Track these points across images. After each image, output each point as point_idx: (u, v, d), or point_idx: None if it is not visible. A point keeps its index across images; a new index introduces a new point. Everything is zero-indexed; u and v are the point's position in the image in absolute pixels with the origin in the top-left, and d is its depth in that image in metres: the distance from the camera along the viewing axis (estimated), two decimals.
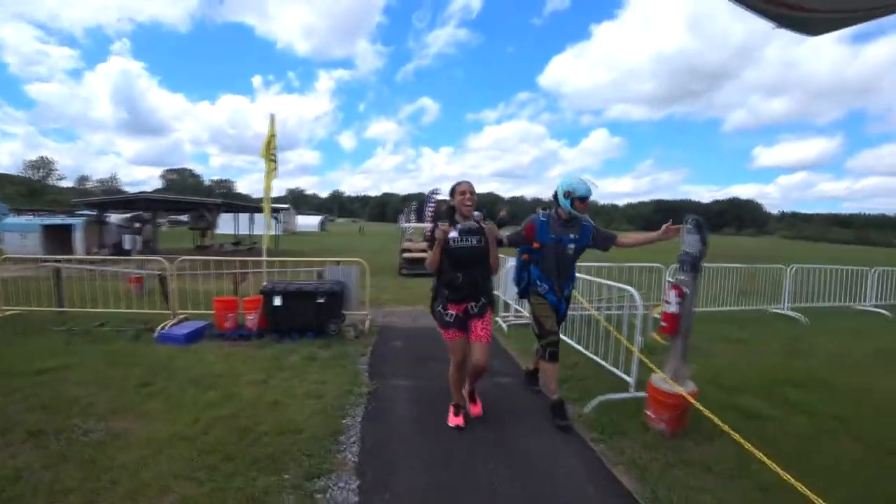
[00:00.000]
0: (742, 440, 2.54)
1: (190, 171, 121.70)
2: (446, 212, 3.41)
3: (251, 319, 5.94)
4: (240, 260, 7.56)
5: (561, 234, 3.75)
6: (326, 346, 5.53)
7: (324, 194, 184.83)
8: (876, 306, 9.72)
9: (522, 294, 4.07)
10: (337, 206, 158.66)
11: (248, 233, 23.90)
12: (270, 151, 6.57)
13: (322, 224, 60.48)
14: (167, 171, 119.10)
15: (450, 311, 3.35)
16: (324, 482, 2.69)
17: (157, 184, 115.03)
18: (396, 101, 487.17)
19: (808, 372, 5.04)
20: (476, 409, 3.71)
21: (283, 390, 4.08)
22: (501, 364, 5.10)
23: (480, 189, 3.05)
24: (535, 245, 3.79)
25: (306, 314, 5.80)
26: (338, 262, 7.01)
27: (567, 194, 3.64)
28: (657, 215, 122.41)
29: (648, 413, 3.50)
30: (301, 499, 2.52)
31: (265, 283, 6.18)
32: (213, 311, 6.14)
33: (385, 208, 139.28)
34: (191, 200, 18.54)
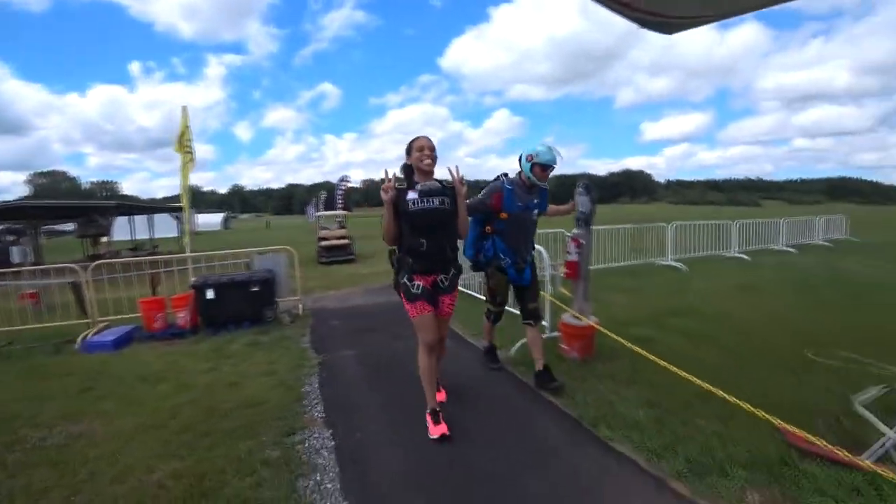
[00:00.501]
0: (637, 348, 3.29)
1: (63, 173, 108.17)
2: (402, 171, 3.02)
3: (182, 317, 5.91)
4: (163, 259, 7.33)
5: (527, 202, 3.64)
6: (265, 332, 5.71)
7: (223, 190, 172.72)
8: (739, 252, 11.62)
9: (479, 267, 3.89)
10: (238, 201, 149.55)
11: (147, 236, 22.20)
12: (185, 143, 6.50)
13: (225, 221, 57.15)
14: (34, 174, 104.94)
15: (416, 282, 2.94)
16: (300, 436, 3.05)
17: (23, 190, 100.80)
18: (295, 87, 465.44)
19: (685, 305, 6.17)
20: (440, 396, 3.42)
21: (235, 373, 4.28)
22: None
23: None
24: (503, 215, 3.60)
25: (241, 304, 5.91)
26: (263, 252, 7.09)
27: (529, 158, 3.56)
28: (559, 189, 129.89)
29: (562, 346, 4.24)
30: (284, 451, 2.86)
31: (195, 279, 6.16)
32: (138, 315, 6.02)
33: (291, 200, 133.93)
34: (81, 205, 16.85)
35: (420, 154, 2.92)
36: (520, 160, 3.67)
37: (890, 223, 25.34)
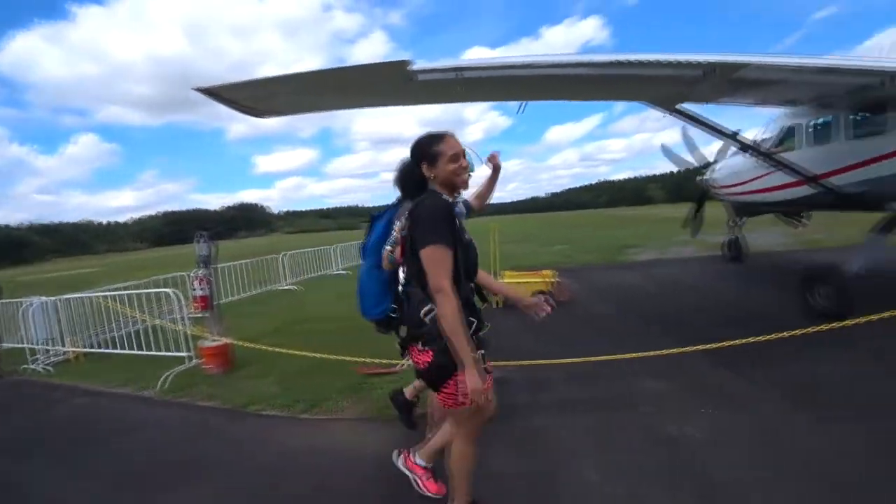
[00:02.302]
0: (267, 348, 4.61)
1: None
2: (404, 180, 2.23)
3: None
4: None
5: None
6: None
7: None
8: (340, 269, 14.67)
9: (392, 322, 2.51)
10: None
11: None
12: None
13: None
14: None
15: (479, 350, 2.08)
16: None
17: None
18: None
19: (302, 316, 8.04)
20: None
21: None
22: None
23: None
24: None
25: None
26: None
27: None
28: (168, 227, 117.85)
29: (206, 367, 5.15)
30: None
31: None
32: None
33: None
34: None
35: (457, 167, 2.10)
36: None
37: None
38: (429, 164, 2.08)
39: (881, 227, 5.63)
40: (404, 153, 2.21)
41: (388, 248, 2.57)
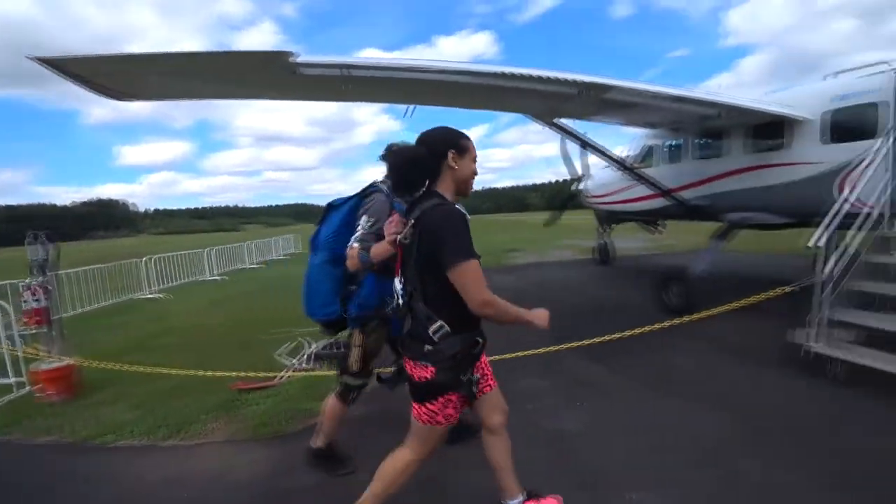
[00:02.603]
0: (123, 367, 4.02)
1: None
2: (419, 170, 1.97)
3: None
4: None
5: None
6: None
7: None
8: (215, 275, 13.50)
9: (353, 323, 2.70)
10: None
11: None
12: None
13: None
14: None
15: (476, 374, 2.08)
16: None
17: None
18: None
19: (166, 328, 7.26)
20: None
21: None
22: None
23: None
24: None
25: None
26: None
27: None
28: (4, 225, 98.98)
29: (41, 395, 4.31)
30: None
31: None
32: None
33: None
34: None
35: (476, 168, 2.07)
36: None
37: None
38: (458, 153, 1.97)
39: (719, 235, 6.55)
40: (290, 151, 2.06)
41: (354, 244, 2.43)
